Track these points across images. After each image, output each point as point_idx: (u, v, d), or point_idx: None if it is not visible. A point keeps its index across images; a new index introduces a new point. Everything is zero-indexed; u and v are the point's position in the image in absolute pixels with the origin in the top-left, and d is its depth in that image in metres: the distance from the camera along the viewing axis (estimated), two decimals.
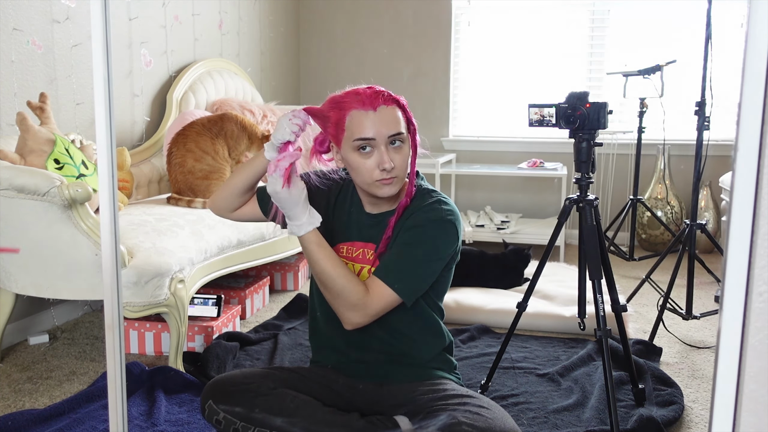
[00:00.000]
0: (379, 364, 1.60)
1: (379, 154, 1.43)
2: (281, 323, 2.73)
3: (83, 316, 2.82)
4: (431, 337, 1.62)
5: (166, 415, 1.91)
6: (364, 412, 1.53)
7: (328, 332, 1.64)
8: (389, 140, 1.43)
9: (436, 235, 1.48)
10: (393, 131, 1.43)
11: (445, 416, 1.42)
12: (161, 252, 2.12)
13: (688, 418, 1.94)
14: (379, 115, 1.42)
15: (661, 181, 4.05)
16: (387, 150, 1.43)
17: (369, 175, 1.45)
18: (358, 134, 1.42)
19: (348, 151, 1.45)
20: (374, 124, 1.41)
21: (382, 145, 1.43)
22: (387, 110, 1.43)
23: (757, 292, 0.70)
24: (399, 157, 1.45)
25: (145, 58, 3.21)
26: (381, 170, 1.43)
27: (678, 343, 2.55)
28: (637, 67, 3.51)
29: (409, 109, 1.51)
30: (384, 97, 1.43)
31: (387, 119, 1.42)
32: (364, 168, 1.44)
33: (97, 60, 1.13)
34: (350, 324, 1.48)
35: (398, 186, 1.48)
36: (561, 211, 2.00)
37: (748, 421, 0.72)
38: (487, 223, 4.09)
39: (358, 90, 1.45)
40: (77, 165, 2.26)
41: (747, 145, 0.69)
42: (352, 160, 1.45)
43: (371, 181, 1.45)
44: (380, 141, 1.42)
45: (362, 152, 1.44)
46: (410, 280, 1.47)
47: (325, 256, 1.44)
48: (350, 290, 1.44)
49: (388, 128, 1.42)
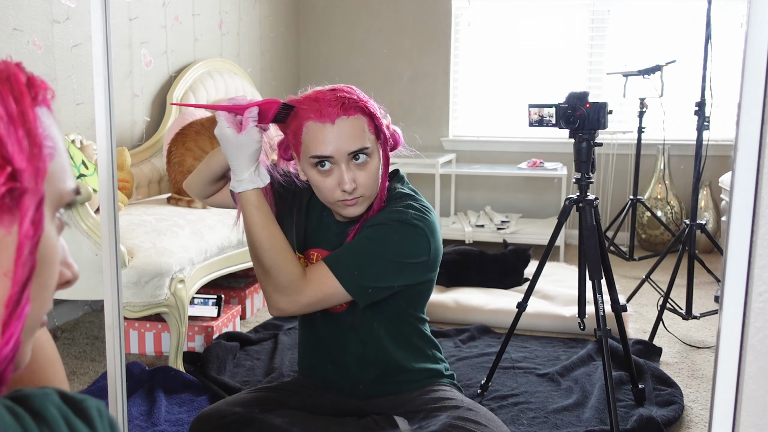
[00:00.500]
0: (366, 384, 1.52)
1: (339, 173, 1.28)
2: (281, 323, 2.73)
3: (83, 316, 2.82)
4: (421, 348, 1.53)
5: (166, 415, 1.91)
6: (361, 416, 1.50)
7: (304, 345, 1.59)
8: (351, 156, 1.28)
9: (399, 237, 1.32)
10: (354, 147, 1.27)
11: (443, 417, 1.40)
12: (161, 252, 2.12)
13: (688, 418, 1.94)
14: (338, 129, 1.26)
15: (661, 181, 4.05)
16: (348, 167, 1.28)
17: (330, 194, 1.31)
18: (313, 151, 1.27)
19: (306, 166, 1.31)
20: (332, 140, 1.26)
21: (342, 162, 1.27)
22: (347, 122, 1.26)
23: (757, 292, 0.70)
24: (364, 174, 1.29)
25: (145, 58, 3.21)
26: (342, 191, 1.29)
27: (678, 343, 2.55)
28: (637, 67, 3.51)
29: (380, 114, 1.35)
30: (345, 106, 1.26)
31: (347, 133, 1.26)
32: (323, 187, 1.31)
33: (97, 60, 1.14)
34: (276, 309, 1.33)
35: (365, 206, 1.34)
36: (561, 211, 2.00)
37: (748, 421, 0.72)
38: (487, 223, 4.09)
39: (317, 95, 1.29)
40: (77, 165, 2.26)
41: (747, 145, 0.69)
42: (311, 177, 1.32)
43: (333, 201, 1.32)
44: (340, 158, 1.27)
45: (321, 169, 1.29)
46: (360, 274, 1.32)
47: (263, 222, 1.28)
48: (282, 268, 1.28)
49: (348, 144, 1.26)
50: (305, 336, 1.60)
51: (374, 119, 1.32)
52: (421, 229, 1.33)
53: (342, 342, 1.50)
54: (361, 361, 1.50)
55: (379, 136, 1.34)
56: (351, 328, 1.48)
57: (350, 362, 1.51)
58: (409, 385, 1.52)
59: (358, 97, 1.31)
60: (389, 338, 1.49)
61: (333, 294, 1.33)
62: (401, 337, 1.51)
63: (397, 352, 1.50)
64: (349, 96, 1.29)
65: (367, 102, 1.32)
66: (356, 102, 1.29)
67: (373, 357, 1.50)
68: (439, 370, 1.57)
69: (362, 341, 1.49)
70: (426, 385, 1.53)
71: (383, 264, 1.33)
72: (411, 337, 1.53)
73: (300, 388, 1.56)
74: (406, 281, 1.37)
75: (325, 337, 1.53)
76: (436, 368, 1.56)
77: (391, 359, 1.50)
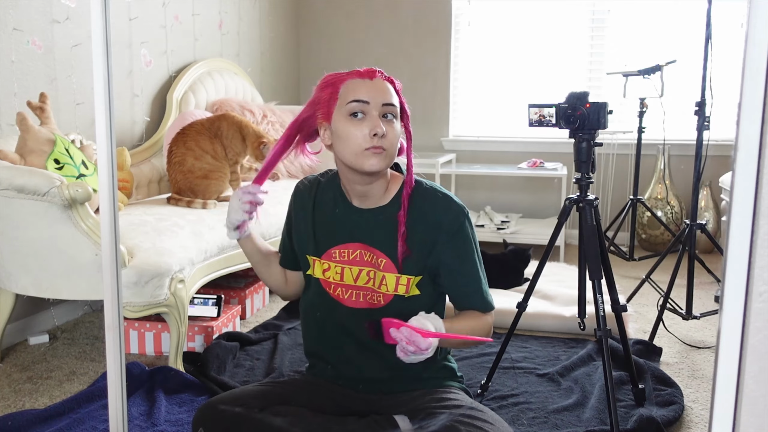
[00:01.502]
0: (376, 379, 1.54)
1: (371, 120, 1.40)
2: (281, 323, 2.73)
3: (83, 316, 2.82)
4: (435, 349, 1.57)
5: (166, 415, 1.91)
6: (362, 416, 1.51)
7: (323, 345, 1.59)
8: (382, 111, 1.41)
9: (474, 235, 1.52)
10: (387, 100, 1.42)
11: (444, 417, 1.40)
12: (161, 252, 2.12)
13: (688, 418, 1.94)
14: (375, 84, 1.42)
15: (661, 181, 4.05)
16: (380, 118, 1.41)
17: (359, 143, 1.39)
18: (353, 96, 1.41)
19: (339, 119, 1.43)
20: (369, 90, 1.41)
21: (375, 111, 1.40)
22: (383, 82, 1.43)
23: (757, 292, 0.70)
24: (390, 129, 1.42)
25: (145, 58, 3.21)
26: (372, 136, 1.39)
27: (678, 343, 2.55)
28: (637, 67, 3.51)
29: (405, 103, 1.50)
30: (381, 72, 1.45)
31: (382, 88, 1.42)
32: (354, 135, 1.40)
33: (97, 60, 1.14)
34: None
35: (386, 162, 1.42)
36: (561, 211, 2.00)
37: (748, 421, 0.72)
38: (487, 223, 4.09)
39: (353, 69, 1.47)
40: (77, 165, 2.26)
41: (747, 145, 0.69)
42: (343, 129, 1.42)
43: (360, 150, 1.40)
44: (374, 106, 1.40)
45: (354, 119, 1.40)
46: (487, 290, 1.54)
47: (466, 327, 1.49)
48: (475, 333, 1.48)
49: (383, 96, 1.41)
50: (325, 329, 1.57)
51: (400, 96, 1.48)
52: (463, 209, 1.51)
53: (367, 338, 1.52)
54: (384, 358, 1.51)
55: (402, 113, 1.48)
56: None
57: (372, 359, 1.53)
58: (426, 383, 1.55)
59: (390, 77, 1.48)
60: None
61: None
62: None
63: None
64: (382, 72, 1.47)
65: (395, 81, 1.48)
66: (388, 77, 1.47)
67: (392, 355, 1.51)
68: (453, 370, 1.62)
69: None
70: (439, 385, 1.55)
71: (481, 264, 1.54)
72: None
73: (305, 385, 1.57)
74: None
75: (349, 333, 1.53)
76: (450, 367, 1.61)
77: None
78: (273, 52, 4.48)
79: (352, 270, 1.50)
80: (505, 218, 4.16)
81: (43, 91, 2.33)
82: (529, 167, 4.08)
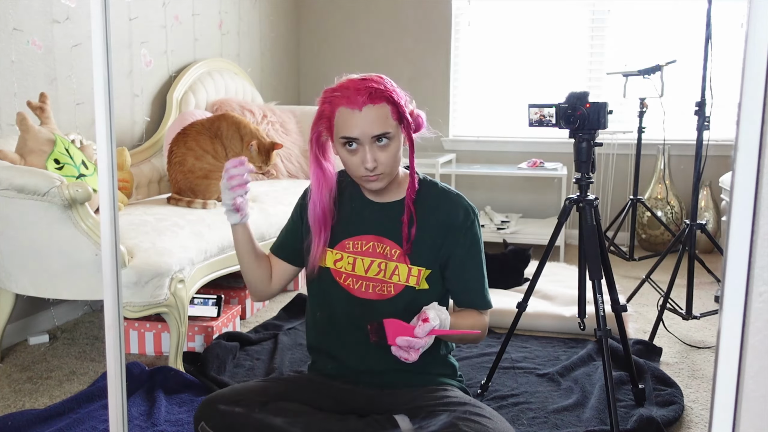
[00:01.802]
0: (378, 371, 1.57)
1: (363, 153, 1.44)
2: (281, 323, 2.73)
3: (83, 316, 2.82)
4: (437, 346, 1.58)
5: (166, 415, 1.91)
6: (361, 415, 1.52)
7: (328, 336, 1.61)
8: (374, 139, 1.43)
9: (481, 236, 1.58)
10: (377, 131, 1.42)
11: (444, 416, 1.41)
12: (161, 252, 2.12)
13: (688, 418, 1.94)
14: (364, 115, 1.42)
15: (661, 181, 4.05)
16: (372, 148, 1.44)
17: (356, 170, 1.48)
18: (343, 132, 1.44)
19: (337, 145, 1.49)
20: (358, 124, 1.42)
21: (367, 144, 1.43)
22: (373, 110, 1.42)
23: (757, 292, 0.70)
24: (384, 155, 1.45)
25: (145, 58, 3.21)
26: (365, 168, 1.45)
27: (678, 343, 2.55)
28: (637, 67, 3.51)
29: (405, 101, 1.49)
30: (372, 96, 1.41)
31: (372, 119, 1.42)
32: (350, 163, 1.48)
33: (97, 60, 1.13)
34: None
35: (385, 181, 1.49)
36: (561, 211, 2.00)
37: (748, 421, 0.72)
38: (487, 223, 4.08)
39: (350, 84, 1.44)
40: (77, 165, 2.26)
41: (747, 145, 0.69)
42: (341, 155, 1.49)
43: (358, 176, 1.49)
44: (364, 140, 1.43)
45: (349, 148, 1.46)
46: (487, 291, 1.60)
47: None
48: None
49: (372, 128, 1.42)
50: (331, 319, 1.60)
51: (398, 107, 1.45)
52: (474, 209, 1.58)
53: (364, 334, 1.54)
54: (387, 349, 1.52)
55: (401, 121, 1.47)
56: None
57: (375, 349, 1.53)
58: (426, 379, 1.57)
59: (385, 87, 1.44)
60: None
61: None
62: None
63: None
64: (377, 86, 1.43)
65: (392, 92, 1.45)
66: (383, 92, 1.43)
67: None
68: (454, 368, 1.65)
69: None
70: (438, 383, 1.58)
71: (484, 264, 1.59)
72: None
73: (305, 383, 1.59)
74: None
75: (356, 323, 1.54)
76: (451, 364, 1.65)
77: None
78: (273, 52, 4.48)
79: (364, 261, 1.55)
80: (505, 218, 4.16)
81: (43, 91, 2.34)
82: (529, 167, 4.08)
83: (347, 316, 1.57)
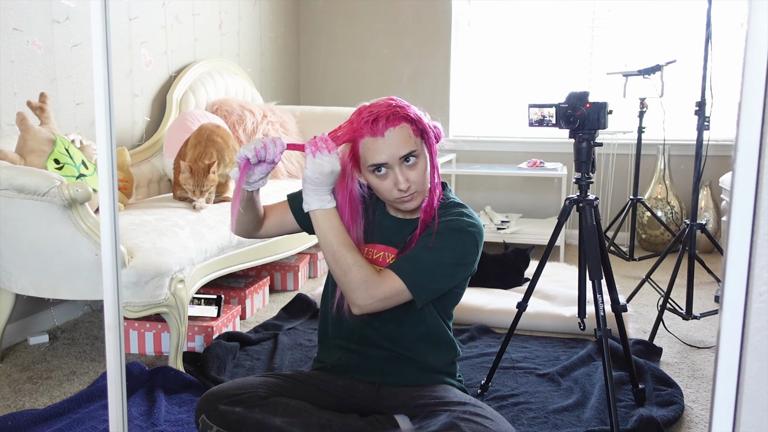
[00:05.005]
0: (380, 361, 1.60)
1: (393, 175, 1.48)
2: (281, 323, 2.73)
3: (83, 316, 2.82)
4: (444, 348, 1.64)
5: (166, 415, 1.91)
6: (362, 414, 1.53)
7: (335, 323, 1.65)
8: (402, 160, 1.47)
9: (456, 243, 1.52)
10: (404, 151, 1.46)
11: (445, 416, 1.41)
12: (161, 252, 2.12)
13: (688, 418, 1.94)
14: (388, 139, 1.46)
15: (661, 181, 4.05)
16: (401, 170, 1.48)
17: (389, 194, 1.51)
18: (371, 160, 1.48)
19: (367, 174, 1.52)
20: (384, 149, 1.46)
21: (396, 166, 1.47)
22: (395, 132, 1.46)
23: (757, 292, 0.70)
24: (414, 173, 1.49)
25: (145, 58, 3.21)
26: (398, 190, 1.48)
27: (678, 343, 2.55)
28: (637, 67, 3.51)
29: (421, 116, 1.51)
30: (390, 119, 1.45)
31: (395, 142, 1.46)
32: (382, 188, 1.51)
33: (97, 60, 1.13)
34: (357, 307, 1.48)
35: (420, 199, 1.53)
36: (561, 211, 2.00)
37: (748, 421, 0.72)
38: (487, 223, 4.08)
39: (367, 116, 1.46)
40: (77, 165, 2.26)
41: (747, 145, 0.69)
42: (372, 182, 1.53)
43: (392, 199, 1.52)
44: (393, 163, 1.47)
45: (378, 174, 1.50)
46: (422, 277, 1.50)
47: (334, 235, 1.48)
48: (359, 267, 1.46)
49: (398, 150, 1.46)
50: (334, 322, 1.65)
51: (418, 124, 1.49)
52: (472, 234, 1.53)
53: (376, 328, 1.59)
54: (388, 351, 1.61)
55: (423, 136, 1.51)
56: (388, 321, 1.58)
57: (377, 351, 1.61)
58: (426, 378, 1.61)
59: (400, 107, 1.48)
60: (419, 332, 1.60)
61: (400, 293, 1.48)
62: (429, 333, 1.62)
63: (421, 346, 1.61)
64: (393, 109, 1.47)
65: (408, 109, 1.49)
66: (399, 113, 1.47)
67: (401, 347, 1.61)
68: (455, 368, 1.68)
69: (394, 332, 1.59)
70: (438, 382, 1.61)
71: (442, 267, 1.51)
72: (437, 332, 1.63)
73: (307, 380, 1.61)
74: (457, 281, 1.57)
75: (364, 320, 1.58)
76: (453, 365, 1.68)
77: (417, 351, 1.60)
78: (273, 52, 4.48)
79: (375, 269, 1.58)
80: (505, 218, 4.15)
81: (43, 91, 2.33)
82: (529, 167, 4.08)
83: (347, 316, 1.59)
